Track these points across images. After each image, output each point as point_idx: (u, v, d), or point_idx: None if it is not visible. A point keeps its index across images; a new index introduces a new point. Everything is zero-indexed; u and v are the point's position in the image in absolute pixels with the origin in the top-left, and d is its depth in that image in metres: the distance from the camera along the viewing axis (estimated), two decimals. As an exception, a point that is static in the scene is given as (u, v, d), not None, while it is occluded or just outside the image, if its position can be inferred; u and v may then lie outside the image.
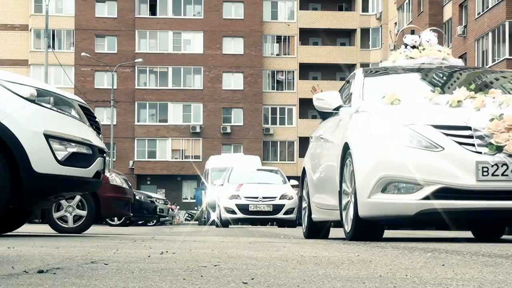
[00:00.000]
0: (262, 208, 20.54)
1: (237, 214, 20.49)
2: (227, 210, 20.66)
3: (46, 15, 34.59)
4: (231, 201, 20.71)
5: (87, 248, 4.99)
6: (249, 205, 20.52)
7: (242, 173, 22.91)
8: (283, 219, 20.74)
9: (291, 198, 20.64)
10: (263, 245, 5.72)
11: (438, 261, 3.78)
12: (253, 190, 20.91)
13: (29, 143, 6.91)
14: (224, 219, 20.87)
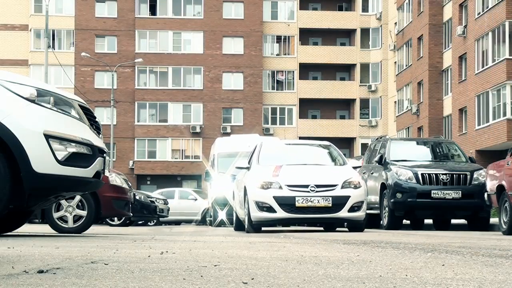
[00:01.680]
0: (316, 203, 13.08)
1: (277, 213, 13.08)
2: (260, 206, 13.15)
3: (46, 15, 34.58)
4: (265, 193, 13.19)
5: (87, 248, 4.99)
6: (295, 199, 13.06)
7: (278, 150, 15.34)
8: (349, 219, 13.42)
9: (358, 186, 13.39)
10: (263, 245, 5.72)
11: (438, 261, 3.78)
12: (300, 174, 13.51)
13: (29, 143, 6.91)
14: (256, 221, 13.31)
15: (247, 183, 13.53)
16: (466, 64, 42.87)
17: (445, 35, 47.99)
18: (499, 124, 38.11)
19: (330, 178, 13.44)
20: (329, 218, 13.42)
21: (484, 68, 39.83)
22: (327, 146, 15.37)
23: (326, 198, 13.09)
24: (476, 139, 40.90)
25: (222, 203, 22.55)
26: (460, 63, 44.04)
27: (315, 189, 13.13)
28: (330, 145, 15.38)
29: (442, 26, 48.24)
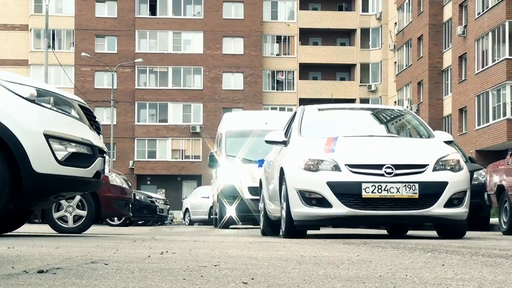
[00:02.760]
0: (395, 192, 8.57)
1: (333, 207, 8.62)
2: (307, 196, 8.76)
3: (46, 15, 34.59)
4: (314, 177, 8.73)
5: (87, 248, 4.99)
6: (361, 186, 8.60)
7: (327, 118, 10.56)
8: (446, 217, 8.76)
9: (458, 168, 8.93)
10: (263, 245, 5.72)
11: (438, 261, 3.78)
12: (367, 149, 9.07)
13: (29, 143, 6.91)
14: (301, 219, 8.85)
15: (285, 163, 9.10)
16: (466, 64, 42.87)
17: (445, 35, 47.99)
18: (499, 124, 38.12)
19: (415, 156, 8.88)
20: (415, 216, 8.74)
21: (484, 68, 39.82)
22: (400, 112, 10.77)
23: (410, 186, 8.59)
24: (476, 139, 40.91)
25: (230, 195, 17.69)
26: (460, 63, 44.04)
27: (392, 171, 8.51)
28: (406, 110, 10.79)
29: (442, 26, 48.24)
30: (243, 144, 18.08)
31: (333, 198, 8.61)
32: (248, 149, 17.94)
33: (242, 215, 17.84)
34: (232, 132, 19.35)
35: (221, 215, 18.37)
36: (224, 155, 18.84)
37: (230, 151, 18.78)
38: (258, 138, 17.20)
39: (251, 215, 17.53)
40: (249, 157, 17.74)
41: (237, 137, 18.90)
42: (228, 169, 18.28)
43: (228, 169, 18.32)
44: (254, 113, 23.92)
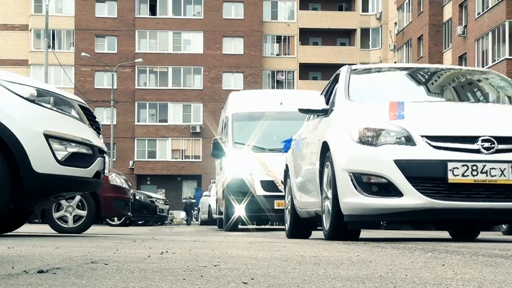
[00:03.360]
0: (496, 176, 6.06)
1: (404, 196, 6.19)
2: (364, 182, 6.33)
3: (46, 15, 34.60)
4: (375, 153, 6.30)
5: (87, 248, 4.99)
6: (447, 166, 6.10)
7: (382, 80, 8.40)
8: None
9: None
10: (263, 245, 5.72)
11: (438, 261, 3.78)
12: (451, 117, 6.57)
13: (29, 143, 6.91)
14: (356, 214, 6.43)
15: (331, 136, 6.82)
16: (466, 64, 42.87)
17: (445, 35, 48.00)
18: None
19: None
20: None
21: (484, 68, 39.84)
22: (482, 72, 8.56)
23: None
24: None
25: (239, 191, 14.70)
26: (460, 63, 44.04)
27: (493, 145, 6.14)
28: (490, 72, 8.52)
29: (442, 26, 48.25)
30: (254, 129, 15.11)
31: (405, 183, 6.11)
32: (260, 135, 15.02)
33: (253, 215, 14.73)
34: (241, 114, 16.01)
35: (228, 215, 14.92)
36: (231, 142, 15.50)
37: (238, 137, 15.57)
38: (272, 122, 15.14)
39: (264, 216, 14.70)
40: (261, 145, 14.92)
41: (246, 121, 15.77)
42: (236, 160, 15.06)
43: (235, 159, 15.11)
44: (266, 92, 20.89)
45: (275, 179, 13.99)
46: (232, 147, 15.40)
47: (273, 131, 14.91)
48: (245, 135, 15.36)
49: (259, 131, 15.22)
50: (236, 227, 15.04)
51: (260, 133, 15.20)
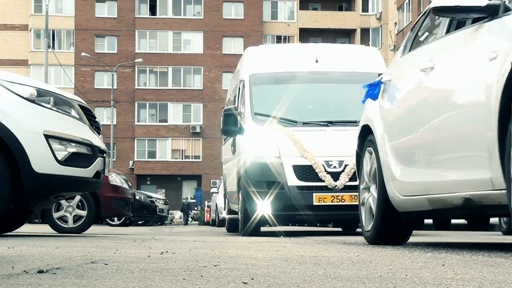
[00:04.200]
0: None
1: None
2: None
3: (46, 15, 34.60)
4: None
5: (87, 248, 4.99)
6: None
7: None
8: None
9: None
10: (263, 245, 5.72)
11: (438, 261, 3.78)
12: None
13: (29, 143, 6.91)
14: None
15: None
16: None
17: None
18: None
19: None
20: None
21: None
22: None
23: None
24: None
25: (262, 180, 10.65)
26: (460, 63, 44.09)
27: None
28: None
29: (442, 26, 48.28)
30: (281, 96, 11.48)
31: None
32: (289, 104, 11.34)
33: (282, 214, 10.56)
34: (262, 76, 11.97)
35: (246, 214, 10.83)
36: (249, 114, 11.33)
37: (259, 107, 11.42)
38: (305, 86, 11.62)
39: (298, 215, 10.59)
40: (292, 116, 11.07)
41: (270, 84, 11.86)
42: (258, 137, 10.93)
43: (257, 136, 10.96)
44: (295, 46, 15.17)
45: (314, 163, 10.23)
46: (251, 120, 11.18)
47: (307, 98, 11.53)
48: (268, 104, 11.43)
49: (288, 98, 11.44)
50: (257, 230, 10.72)
51: (289, 101, 11.38)
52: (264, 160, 10.57)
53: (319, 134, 10.49)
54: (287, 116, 11.04)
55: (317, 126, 10.67)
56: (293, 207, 10.34)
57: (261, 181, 10.58)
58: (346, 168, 10.25)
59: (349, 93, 11.39)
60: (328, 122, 10.80)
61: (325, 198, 10.24)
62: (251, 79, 11.81)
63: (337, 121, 10.87)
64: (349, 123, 10.61)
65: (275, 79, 11.89)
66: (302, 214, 10.44)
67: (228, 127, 11.55)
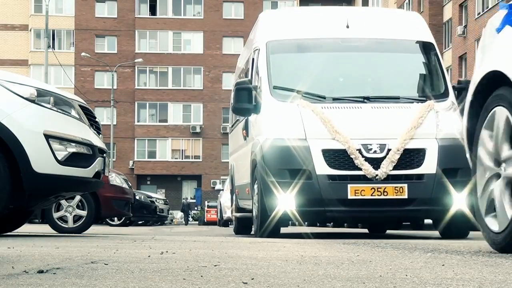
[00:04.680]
0: None
1: None
2: None
3: (46, 15, 34.60)
4: None
5: (87, 248, 4.99)
6: None
7: None
8: None
9: None
10: (263, 245, 5.72)
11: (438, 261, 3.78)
12: None
13: (29, 143, 6.91)
14: None
15: None
16: (466, 64, 42.88)
17: (445, 35, 47.99)
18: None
19: None
20: None
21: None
22: None
23: None
24: (476, 139, 40.90)
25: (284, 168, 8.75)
26: (460, 63, 44.04)
27: None
28: None
29: (442, 26, 48.24)
30: (305, 67, 9.62)
31: None
32: (315, 76, 9.40)
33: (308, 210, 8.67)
34: (283, 43, 9.85)
35: (263, 209, 8.89)
36: (267, 87, 9.32)
37: (278, 79, 9.43)
38: (334, 55, 9.69)
39: (329, 211, 8.66)
40: (320, 91, 9.17)
41: (291, 53, 9.83)
42: (278, 115, 9.01)
43: (277, 114, 9.04)
44: (322, 9, 11.50)
45: (348, 147, 8.49)
46: (270, 95, 9.22)
47: (337, 69, 9.74)
48: (290, 76, 9.59)
49: (313, 70, 9.49)
50: (277, 231, 8.99)
51: (315, 73, 9.46)
52: (286, 143, 8.69)
53: (354, 112, 8.80)
54: (313, 90, 9.14)
55: (351, 102, 8.93)
56: (322, 202, 8.53)
57: (282, 169, 8.68)
58: (389, 154, 8.44)
59: (388, 64, 9.72)
60: (364, 98, 8.97)
61: (362, 190, 8.43)
62: (268, 47, 9.72)
63: (376, 97, 9.05)
64: (390, 99, 9.02)
65: (297, 46, 9.87)
66: (334, 210, 8.59)
67: (241, 104, 9.42)
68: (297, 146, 8.65)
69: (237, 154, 11.87)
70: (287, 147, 8.67)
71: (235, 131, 12.26)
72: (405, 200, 8.44)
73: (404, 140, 8.52)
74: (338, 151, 8.57)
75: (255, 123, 9.62)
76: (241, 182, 11.21)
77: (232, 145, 13.03)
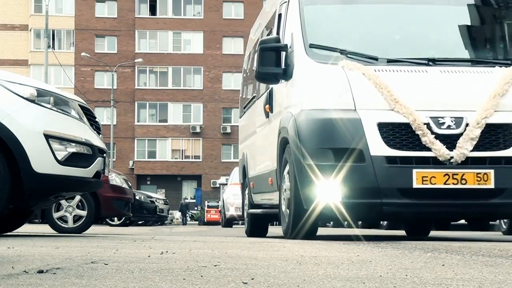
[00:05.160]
0: None
1: None
2: None
3: (46, 15, 34.59)
4: None
5: (87, 248, 4.99)
6: None
7: None
8: None
9: None
10: (263, 245, 5.72)
11: (438, 261, 3.78)
12: None
13: (29, 143, 6.91)
14: None
15: None
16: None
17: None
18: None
19: None
20: None
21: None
22: None
23: None
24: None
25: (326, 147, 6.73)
26: (460, 63, 44.06)
27: None
28: None
29: (442, 26, 48.30)
30: (351, 21, 7.84)
31: None
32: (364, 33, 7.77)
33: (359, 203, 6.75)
34: None
35: (297, 203, 6.98)
36: (301, 46, 7.40)
37: (316, 36, 7.48)
38: (388, 7, 7.79)
39: (387, 205, 6.73)
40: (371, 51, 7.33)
41: (332, 4, 7.94)
42: (318, 80, 7.12)
43: (317, 79, 7.14)
44: None
45: (413, 120, 6.68)
46: (305, 55, 7.28)
47: (392, 25, 7.81)
48: (331, 33, 7.68)
49: (361, 25, 7.77)
50: (314, 230, 7.18)
51: (364, 28, 7.77)
52: (329, 115, 6.76)
53: (418, 76, 6.91)
54: (362, 49, 7.22)
55: (412, 65, 7.06)
56: (378, 192, 6.58)
57: (324, 148, 6.71)
58: (467, 129, 6.60)
59: (457, 19, 7.62)
60: (429, 60, 7.06)
61: (433, 177, 6.57)
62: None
63: (444, 59, 7.16)
64: (462, 61, 7.24)
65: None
66: (393, 203, 6.64)
67: (267, 68, 7.50)
68: (344, 118, 6.69)
69: (252, 138, 9.92)
70: (330, 120, 6.73)
71: (249, 113, 10.25)
72: (491, 191, 6.55)
73: (486, 111, 6.61)
74: (399, 125, 6.68)
75: (284, 92, 7.62)
76: (259, 171, 9.28)
77: (244, 131, 11.06)
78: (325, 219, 7.45)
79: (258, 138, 9.39)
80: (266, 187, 8.76)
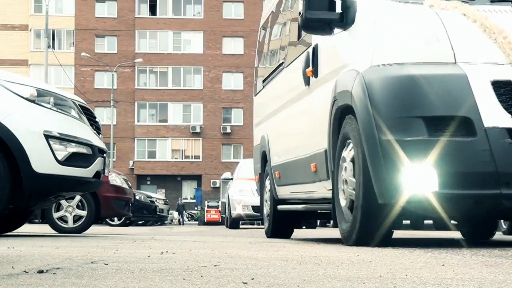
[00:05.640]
0: None
1: None
2: None
3: (46, 15, 34.59)
4: None
5: (87, 248, 4.99)
6: None
7: None
8: None
9: None
10: (263, 245, 5.72)
11: (438, 261, 3.78)
12: None
13: (29, 143, 6.92)
14: None
15: None
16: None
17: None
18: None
19: None
20: None
21: None
22: None
23: None
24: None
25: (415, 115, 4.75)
26: (460, 63, 44.07)
27: None
28: None
29: (442, 26, 48.33)
30: None
31: None
32: None
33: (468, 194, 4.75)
34: None
35: (368, 193, 5.00)
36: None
37: None
38: None
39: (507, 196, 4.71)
40: None
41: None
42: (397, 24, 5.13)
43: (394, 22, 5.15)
44: None
45: None
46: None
47: None
48: None
49: None
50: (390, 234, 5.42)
51: None
52: (416, 71, 4.91)
53: None
54: None
55: None
56: (496, 179, 4.71)
57: (411, 117, 4.82)
58: None
59: None
60: None
61: None
62: None
63: None
64: None
65: None
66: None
67: (317, 14, 5.58)
68: (440, 75, 4.82)
69: (278, 116, 8.11)
70: (419, 77, 4.84)
71: (272, 86, 8.51)
72: None
73: None
74: None
75: (341, 45, 5.77)
76: (291, 157, 7.47)
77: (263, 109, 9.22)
78: (413, 218, 5.33)
79: (289, 115, 7.50)
80: (303, 176, 6.92)
